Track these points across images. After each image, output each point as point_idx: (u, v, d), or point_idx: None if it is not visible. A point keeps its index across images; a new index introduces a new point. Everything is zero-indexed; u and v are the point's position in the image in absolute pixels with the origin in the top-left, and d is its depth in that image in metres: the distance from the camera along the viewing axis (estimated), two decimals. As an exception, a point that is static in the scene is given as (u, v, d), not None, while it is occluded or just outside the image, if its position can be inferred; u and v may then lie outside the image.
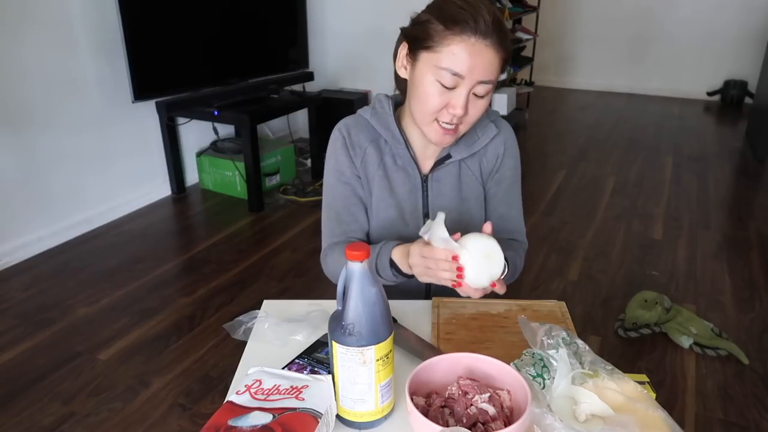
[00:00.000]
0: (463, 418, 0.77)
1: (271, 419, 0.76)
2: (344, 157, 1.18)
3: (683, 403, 1.82)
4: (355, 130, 1.18)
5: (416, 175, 1.18)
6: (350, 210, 1.19)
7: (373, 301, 0.78)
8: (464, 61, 0.98)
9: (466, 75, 0.99)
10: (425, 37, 1.01)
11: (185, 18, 2.99)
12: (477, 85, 1.01)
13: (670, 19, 5.71)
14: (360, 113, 1.20)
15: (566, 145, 4.44)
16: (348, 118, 1.21)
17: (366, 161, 1.18)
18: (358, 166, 1.18)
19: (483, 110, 1.06)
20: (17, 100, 2.55)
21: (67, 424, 1.73)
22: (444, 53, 0.99)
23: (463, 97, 1.01)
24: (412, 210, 1.20)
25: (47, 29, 2.61)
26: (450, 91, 1.01)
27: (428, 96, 1.03)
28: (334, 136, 1.20)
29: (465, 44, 0.97)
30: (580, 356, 0.83)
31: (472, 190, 1.20)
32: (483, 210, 1.23)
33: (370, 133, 1.18)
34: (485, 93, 1.03)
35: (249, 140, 3.07)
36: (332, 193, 1.20)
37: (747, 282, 2.52)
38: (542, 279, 2.54)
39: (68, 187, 2.84)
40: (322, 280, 2.67)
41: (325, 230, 1.22)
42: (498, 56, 1.00)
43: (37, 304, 2.34)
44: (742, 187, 3.68)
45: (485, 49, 0.98)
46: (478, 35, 0.97)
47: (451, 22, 0.98)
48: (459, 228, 1.09)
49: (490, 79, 1.01)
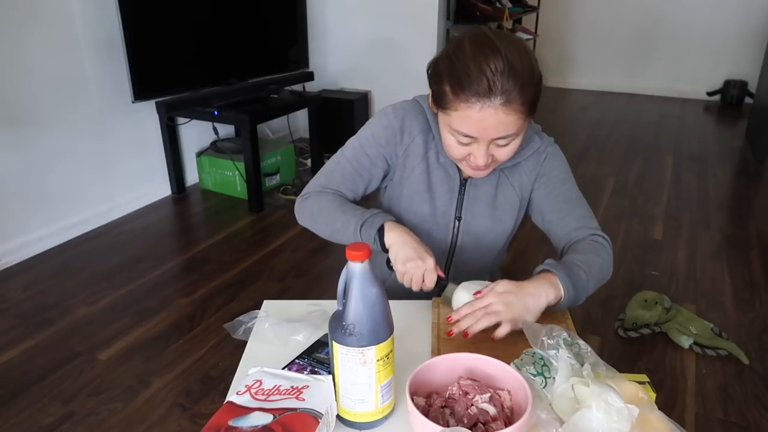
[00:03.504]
0: (463, 418, 0.77)
1: (272, 419, 0.76)
2: (384, 138, 1.16)
3: (683, 403, 1.82)
4: (410, 115, 1.16)
5: (456, 177, 1.17)
6: (355, 180, 1.18)
7: (374, 301, 0.78)
8: (474, 125, 0.97)
9: (479, 136, 0.99)
10: (438, 96, 1.01)
11: (185, 18, 2.99)
12: (496, 140, 1.00)
13: (670, 19, 5.71)
14: (419, 100, 1.18)
15: (566, 145, 4.39)
16: (406, 101, 1.18)
17: (411, 150, 1.16)
18: (399, 153, 1.16)
19: (513, 152, 1.04)
20: (17, 99, 2.55)
21: (67, 424, 1.73)
22: (454, 117, 0.99)
23: (483, 154, 1.01)
24: (444, 210, 1.19)
25: (47, 29, 2.61)
26: (470, 144, 1.01)
27: (450, 148, 1.05)
28: (387, 113, 1.17)
29: (471, 110, 0.96)
30: (581, 358, 0.83)
31: (507, 200, 1.20)
32: (515, 220, 1.22)
33: (424, 123, 1.16)
34: (507, 143, 1.01)
35: (249, 140, 3.07)
36: (351, 155, 1.18)
37: (747, 282, 2.52)
38: (542, 279, 2.53)
39: (68, 187, 2.84)
40: (322, 280, 2.68)
41: (320, 177, 1.20)
42: (513, 111, 0.96)
43: (37, 304, 2.34)
44: (742, 187, 3.68)
45: (494, 112, 0.95)
46: (483, 99, 0.94)
47: (457, 86, 0.96)
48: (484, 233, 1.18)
49: (509, 134, 0.99)
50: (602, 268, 1.08)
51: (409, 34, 3.80)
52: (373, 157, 1.17)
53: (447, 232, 1.21)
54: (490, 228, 1.20)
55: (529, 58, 0.97)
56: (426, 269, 1.02)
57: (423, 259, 1.02)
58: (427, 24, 3.76)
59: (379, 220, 1.08)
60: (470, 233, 1.21)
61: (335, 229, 1.12)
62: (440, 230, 1.20)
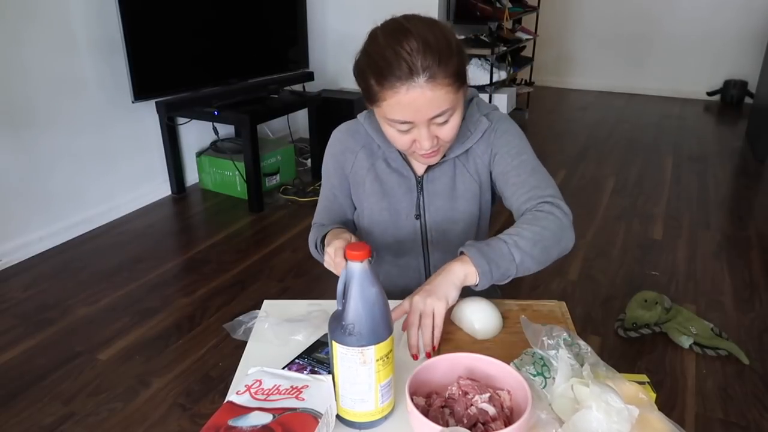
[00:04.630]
0: (463, 418, 0.77)
1: (271, 419, 0.76)
2: (332, 167, 1.22)
3: (683, 403, 1.82)
4: (346, 135, 1.21)
5: (411, 177, 1.18)
6: (333, 211, 1.25)
7: (373, 301, 0.78)
8: (406, 108, 0.97)
9: (414, 119, 0.99)
10: (366, 93, 1.02)
11: (185, 18, 2.99)
12: (434, 119, 0.99)
13: (670, 19, 5.71)
14: (358, 117, 1.21)
15: (566, 145, 4.43)
16: (345, 123, 1.24)
17: (356, 166, 1.20)
18: (348, 171, 1.21)
19: (456, 129, 1.04)
20: (17, 100, 2.55)
21: (67, 424, 1.73)
22: (385, 107, 0.99)
23: (426, 137, 1.01)
24: (407, 213, 1.20)
25: (47, 29, 2.61)
26: (411, 130, 1.01)
27: (394, 140, 1.06)
28: (330, 141, 1.24)
29: (399, 95, 0.95)
30: (582, 358, 0.83)
31: (467, 188, 1.18)
32: (478, 206, 1.19)
33: (363, 138, 1.20)
34: (446, 120, 1.01)
35: (249, 140, 3.07)
36: (323, 189, 1.27)
37: (747, 282, 2.52)
38: (542, 279, 2.54)
39: (68, 187, 2.84)
40: (322, 280, 2.68)
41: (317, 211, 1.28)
42: (440, 85, 0.95)
43: (37, 304, 2.34)
44: (742, 187, 3.68)
45: (422, 91, 0.94)
46: (407, 81, 0.94)
47: (379, 75, 0.96)
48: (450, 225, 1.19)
49: (443, 109, 0.98)
50: (543, 234, 0.98)
51: (409, 34, 3.79)
52: (334, 187, 1.23)
53: (415, 233, 1.21)
54: (454, 220, 1.19)
55: (443, 31, 0.97)
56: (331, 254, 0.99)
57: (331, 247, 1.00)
58: (427, 24, 3.76)
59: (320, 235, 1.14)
60: (436, 229, 1.21)
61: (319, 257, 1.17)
62: (408, 233, 1.21)
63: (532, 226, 1.00)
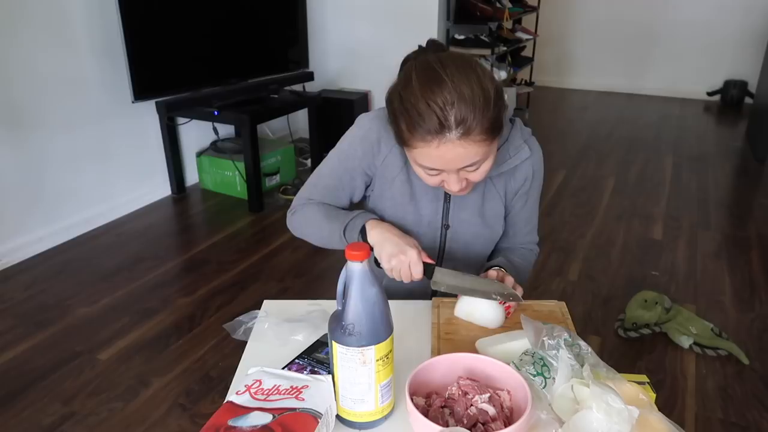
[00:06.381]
0: (463, 418, 0.77)
1: (271, 419, 0.76)
2: (361, 151, 1.13)
3: (683, 403, 1.82)
4: (383, 126, 1.11)
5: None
6: (338, 193, 1.18)
7: (373, 301, 0.78)
8: (435, 160, 0.95)
9: (444, 168, 0.97)
10: (396, 134, 1.00)
11: (185, 18, 2.99)
12: (464, 168, 0.98)
13: (670, 20, 5.71)
14: None
15: (566, 145, 4.43)
16: (381, 109, 1.12)
17: (389, 161, 1.13)
18: (377, 165, 1.14)
19: (486, 173, 1.01)
20: (17, 100, 2.55)
21: (67, 424, 1.73)
22: (415, 154, 0.98)
23: (454, 181, 1.00)
24: (431, 219, 1.18)
25: (47, 29, 2.61)
26: (440, 174, 1.00)
27: (422, 177, 1.04)
28: (362, 124, 1.14)
29: (429, 148, 0.94)
30: (582, 358, 0.83)
31: (493, 207, 1.19)
32: (501, 226, 1.23)
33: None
34: (477, 168, 0.99)
35: (249, 140, 3.07)
36: (330, 169, 1.18)
37: (747, 282, 2.52)
38: (542, 279, 2.54)
39: (68, 187, 2.84)
40: (322, 280, 2.67)
41: (305, 190, 1.20)
42: (472, 141, 0.92)
43: (37, 304, 2.34)
44: (742, 187, 3.68)
45: (452, 146, 0.92)
46: (436, 136, 0.91)
47: (411, 125, 0.93)
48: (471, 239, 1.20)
49: (475, 161, 0.96)
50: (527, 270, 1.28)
51: (409, 34, 3.79)
52: (352, 170, 1.15)
53: (434, 240, 1.20)
54: (479, 235, 1.20)
55: (480, 80, 0.92)
56: (410, 261, 1.01)
57: (405, 252, 1.01)
58: (427, 24, 3.76)
59: (360, 221, 1.07)
60: (458, 241, 1.20)
61: (323, 237, 1.14)
62: (427, 239, 1.19)
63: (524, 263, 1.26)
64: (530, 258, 1.29)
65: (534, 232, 1.29)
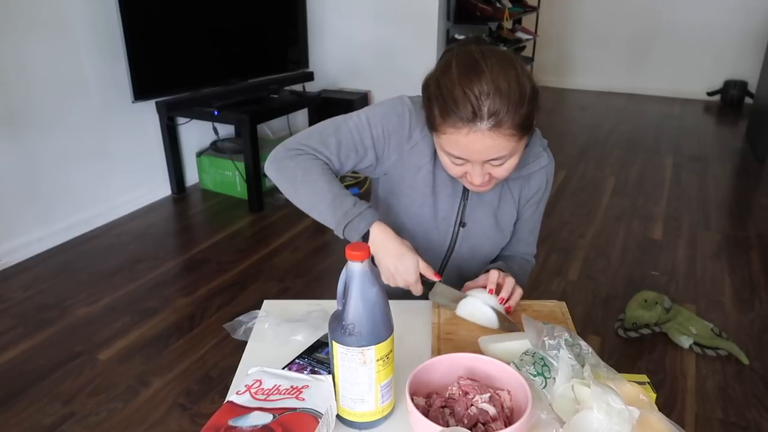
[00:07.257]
0: (463, 418, 0.77)
1: (272, 419, 0.76)
2: (395, 124, 1.09)
3: (683, 403, 1.82)
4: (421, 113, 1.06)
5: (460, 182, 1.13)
6: (349, 153, 1.09)
7: (374, 301, 0.77)
8: (463, 148, 0.96)
9: (470, 158, 0.98)
10: (428, 118, 1.00)
11: (185, 18, 2.99)
12: (489, 161, 0.98)
13: (670, 20, 5.71)
14: None
15: (566, 145, 4.43)
16: (419, 97, 1.07)
17: (419, 147, 1.10)
18: (407, 147, 1.10)
19: (510, 170, 1.01)
20: (17, 100, 2.55)
21: (67, 424, 1.73)
22: (443, 140, 0.98)
23: (478, 174, 0.99)
24: (445, 215, 1.17)
25: (47, 29, 2.61)
26: (465, 164, 1.00)
27: (446, 166, 1.04)
28: (404, 101, 1.10)
29: (459, 135, 0.94)
30: (582, 358, 0.83)
31: (507, 211, 1.20)
32: (511, 231, 1.24)
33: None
34: (502, 163, 0.99)
35: (249, 140, 3.07)
36: (354, 127, 1.09)
37: (747, 282, 2.52)
38: (542, 279, 2.54)
39: (68, 187, 2.84)
40: (322, 280, 2.67)
41: (314, 135, 1.10)
42: (502, 134, 0.93)
43: (36, 304, 2.34)
44: (742, 187, 3.68)
45: (482, 136, 0.93)
46: (470, 124, 0.92)
47: (444, 110, 0.94)
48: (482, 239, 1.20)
49: (501, 155, 0.96)
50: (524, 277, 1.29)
51: (409, 34, 3.80)
52: (376, 137, 1.09)
53: (446, 237, 1.19)
54: (490, 236, 1.20)
55: (518, 77, 0.93)
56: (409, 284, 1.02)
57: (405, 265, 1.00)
58: (427, 24, 3.76)
59: (365, 224, 1.01)
60: (470, 240, 1.19)
61: (313, 207, 1.05)
62: (439, 234, 1.18)
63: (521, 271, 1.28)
64: (527, 268, 1.31)
65: (534, 244, 1.31)
